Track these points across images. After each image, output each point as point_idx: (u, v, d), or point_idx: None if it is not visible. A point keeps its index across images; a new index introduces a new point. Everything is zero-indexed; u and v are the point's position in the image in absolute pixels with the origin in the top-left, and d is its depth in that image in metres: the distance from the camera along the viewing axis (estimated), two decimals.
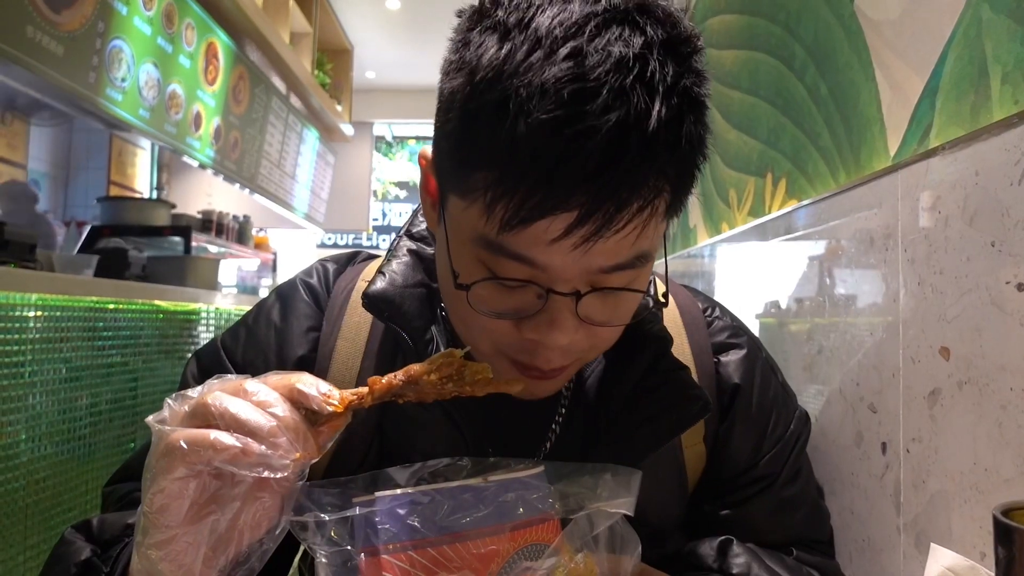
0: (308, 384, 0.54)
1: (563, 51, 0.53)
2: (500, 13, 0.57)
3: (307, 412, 0.53)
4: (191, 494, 0.50)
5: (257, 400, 0.52)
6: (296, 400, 0.53)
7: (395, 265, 0.76)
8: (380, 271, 0.75)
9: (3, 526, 1.51)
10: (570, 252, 0.57)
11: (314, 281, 0.83)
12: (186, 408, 0.52)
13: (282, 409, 0.52)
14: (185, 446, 0.49)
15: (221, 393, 0.52)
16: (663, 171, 0.57)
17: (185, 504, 0.50)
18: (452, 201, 0.62)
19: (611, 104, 0.52)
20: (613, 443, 0.72)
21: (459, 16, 0.63)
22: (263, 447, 0.50)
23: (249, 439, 0.50)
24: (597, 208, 0.55)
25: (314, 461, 0.53)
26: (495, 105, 0.54)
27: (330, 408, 0.53)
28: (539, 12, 0.55)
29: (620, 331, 0.68)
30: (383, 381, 0.56)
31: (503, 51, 0.55)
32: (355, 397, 0.55)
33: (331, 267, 0.85)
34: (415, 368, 0.56)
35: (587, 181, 0.54)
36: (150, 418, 0.53)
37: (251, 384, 0.53)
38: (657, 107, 0.54)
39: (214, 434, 0.50)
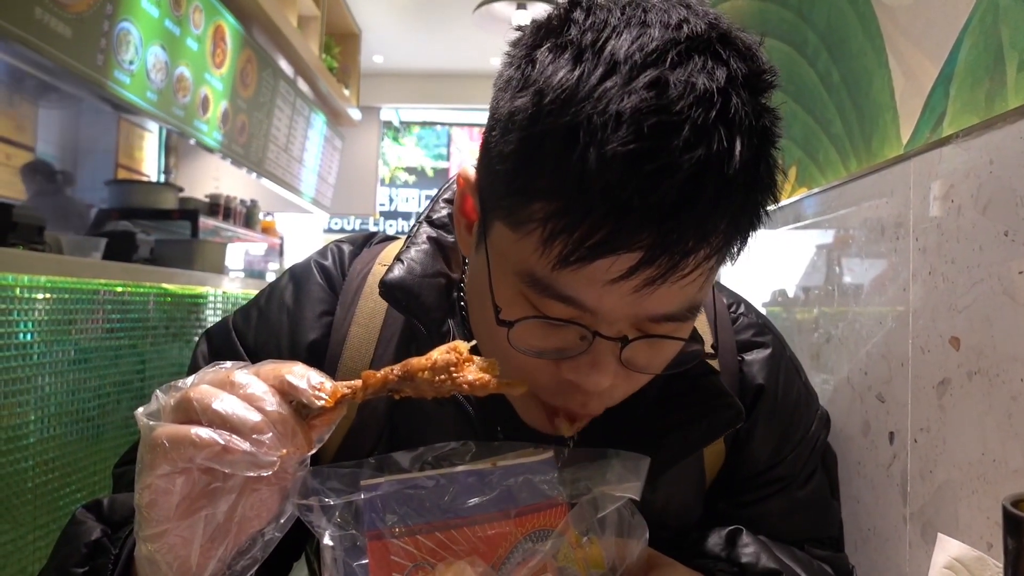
0: (299, 376, 0.51)
1: (643, 79, 0.50)
2: (573, 32, 0.53)
3: (299, 404, 0.51)
4: (179, 490, 0.50)
5: (244, 394, 0.50)
6: (287, 392, 0.51)
7: (414, 253, 0.73)
8: (399, 258, 0.73)
9: (12, 506, 1.52)
10: (626, 296, 0.54)
11: (329, 263, 0.81)
12: (172, 402, 0.51)
13: (270, 403, 0.50)
14: (167, 444, 0.48)
15: (206, 387, 0.50)
16: (736, 215, 0.54)
17: (174, 499, 0.50)
18: (498, 230, 0.59)
19: (693, 141, 0.49)
20: (637, 449, 0.70)
21: (518, 29, 0.60)
22: (247, 444, 0.48)
23: (232, 436, 0.48)
24: (665, 251, 0.51)
25: (308, 455, 0.52)
26: (565, 130, 0.50)
27: (319, 402, 0.51)
28: (616, 34, 0.52)
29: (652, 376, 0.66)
30: (378, 375, 0.54)
31: (576, 73, 0.51)
32: (348, 390, 0.53)
33: (347, 249, 0.83)
34: (413, 362, 0.53)
35: (659, 221, 0.50)
36: (139, 411, 0.52)
37: (240, 376, 0.51)
38: (738, 148, 0.51)
39: (195, 431, 0.48)
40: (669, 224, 0.50)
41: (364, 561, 0.53)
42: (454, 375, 0.53)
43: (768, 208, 0.57)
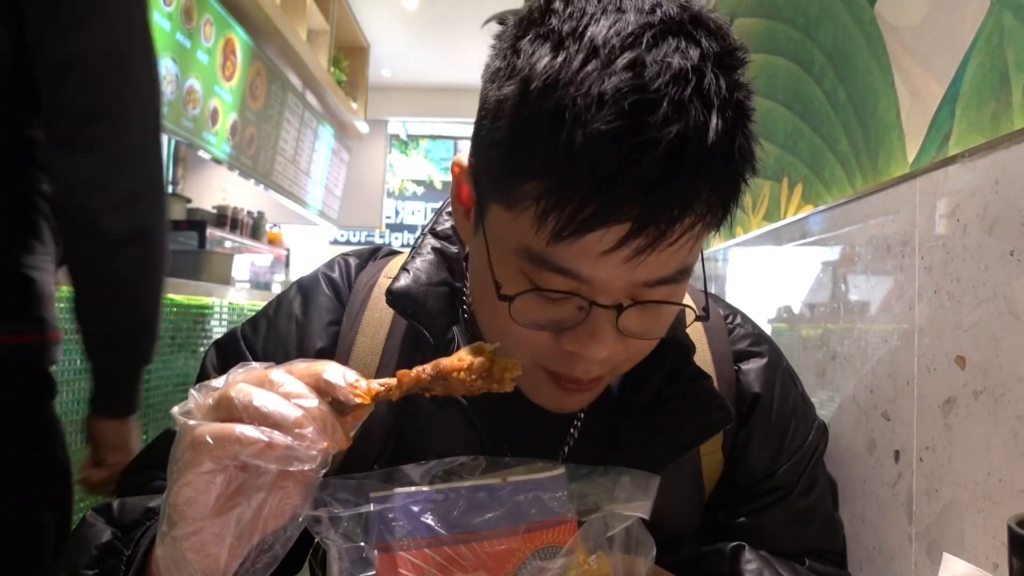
0: (335, 374, 0.53)
1: (621, 61, 0.53)
2: (554, 21, 0.57)
3: (333, 401, 0.53)
4: (217, 487, 0.51)
5: (283, 391, 0.52)
6: (323, 390, 0.53)
7: (419, 263, 0.76)
8: (404, 268, 0.75)
9: None
10: (620, 266, 0.57)
11: (336, 275, 0.83)
12: (211, 401, 0.52)
13: (308, 399, 0.52)
14: (211, 441, 0.49)
15: (246, 385, 0.52)
16: (717, 185, 0.57)
17: (212, 497, 0.51)
18: (495, 211, 0.62)
19: (671, 116, 0.53)
20: (632, 450, 0.71)
21: (501, 23, 0.63)
22: (289, 439, 0.50)
23: (275, 432, 0.50)
24: (651, 221, 0.55)
25: (341, 450, 0.53)
26: (551, 113, 0.54)
27: (357, 400, 0.53)
28: (594, 21, 0.55)
29: (656, 342, 0.68)
30: (412, 374, 0.56)
31: (558, 59, 0.54)
32: (382, 388, 0.55)
33: (353, 262, 0.85)
34: (444, 363, 0.56)
35: (644, 193, 0.54)
36: (175, 409, 0.53)
37: (276, 374, 0.53)
38: (714, 121, 0.54)
39: (239, 428, 0.50)
40: (653, 195, 0.54)
41: (371, 573, 0.53)
42: (486, 376, 0.56)
43: (747, 178, 0.61)
